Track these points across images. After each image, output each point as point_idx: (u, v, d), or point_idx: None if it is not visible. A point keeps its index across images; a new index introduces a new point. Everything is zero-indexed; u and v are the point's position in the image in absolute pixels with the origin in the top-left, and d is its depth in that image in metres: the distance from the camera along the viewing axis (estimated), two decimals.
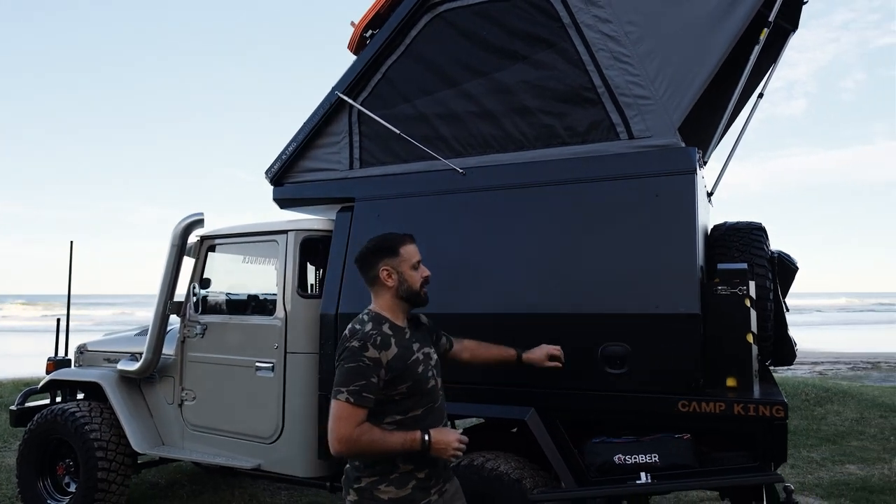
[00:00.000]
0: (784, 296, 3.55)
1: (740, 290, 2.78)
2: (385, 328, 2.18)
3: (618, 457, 2.74)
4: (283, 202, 3.99)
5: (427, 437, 2.08)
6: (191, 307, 4.15)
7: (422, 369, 2.21)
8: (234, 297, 4.28)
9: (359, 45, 3.82)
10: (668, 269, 2.81)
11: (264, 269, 4.14)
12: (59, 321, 5.25)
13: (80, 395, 4.82)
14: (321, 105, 3.76)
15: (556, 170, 3.13)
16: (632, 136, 3.01)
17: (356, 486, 2.16)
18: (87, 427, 4.25)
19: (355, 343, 2.10)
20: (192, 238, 4.21)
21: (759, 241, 3.29)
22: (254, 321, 3.92)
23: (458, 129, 3.41)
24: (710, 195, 4.13)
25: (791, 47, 4.06)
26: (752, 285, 2.86)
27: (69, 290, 5.22)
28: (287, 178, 3.92)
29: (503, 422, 3.39)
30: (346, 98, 3.65)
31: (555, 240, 3.07)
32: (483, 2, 3.34)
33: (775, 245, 3.59)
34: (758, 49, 3.10)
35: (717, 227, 3.51)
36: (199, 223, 4.15)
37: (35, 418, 4.50)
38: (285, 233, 3.84)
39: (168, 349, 4.26)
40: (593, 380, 2.89)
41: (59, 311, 5.68)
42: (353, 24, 3.81)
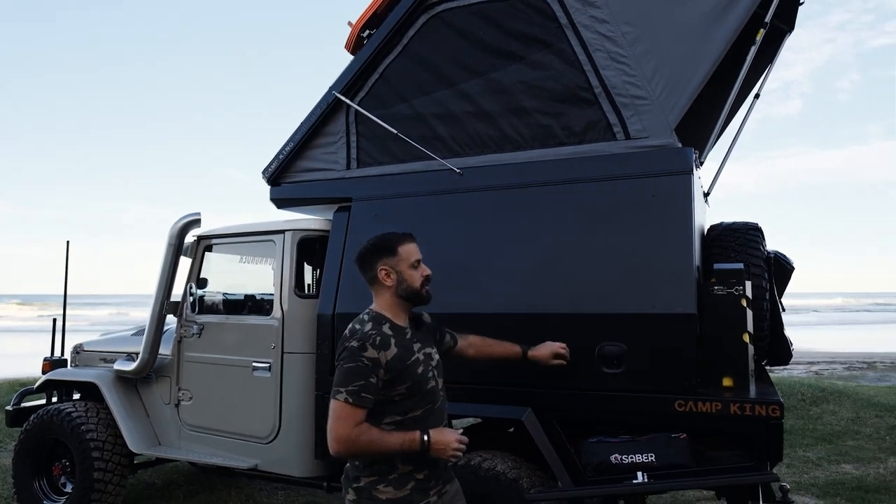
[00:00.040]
0: (780, 296, 3.56)
1: (737, 290, 2.79)
2: (385, 328, 2.17)
3: (614, 456, 2.75)
4: (280, 202, 3.99)
5: (426, 438, 2.08)
6: (187, 307, 4.14)
7: (422, 370, 2.19)
8: (230, 297, 4.27)
9: (356, 45, 3.82)
10: (665, 269, 2.82)
11: (261, 268, 4.14)
12: (55, 321, 5.24)
13: (77, 396, 4.81)
14: (318, 105, 3.76)
15: (553, 170, 3.14)
16: (628, 137, 3.02)
17: (355, 486, 2.16)
18: (83, 427, 4.24)
19: (354, 343, 2.10)
20: (189, 238, 4.21)
21: (755, 241, 3.30)
22: (251, 321, 3.92)
23: (456, 129, 3.41)
24: (706, 195, 4.15)
25: (787, 48, 4.08)
26: (749, 285, 2.86)
27: (65, 290, 5.21)
28: (284, 178, 3.92)
29: (500, 421, 3.39)
30: (343, 98, 3.65)
31: (552, 240, 3.07)
32: (480, 2, 3.34)
33: (771, 245, 3.60)
34: (754, 49, 3.11)
35: (713, 228, 3.52)
36: (195, 223, 4.15)
37: (31, 418, 4.49)
38: (282, 233, 3.84)
39: (165, 349, 4.25)
40: (590, 379, 2.90)
41: (56, 311, 5.67)
42: (350, 23, 3.81)
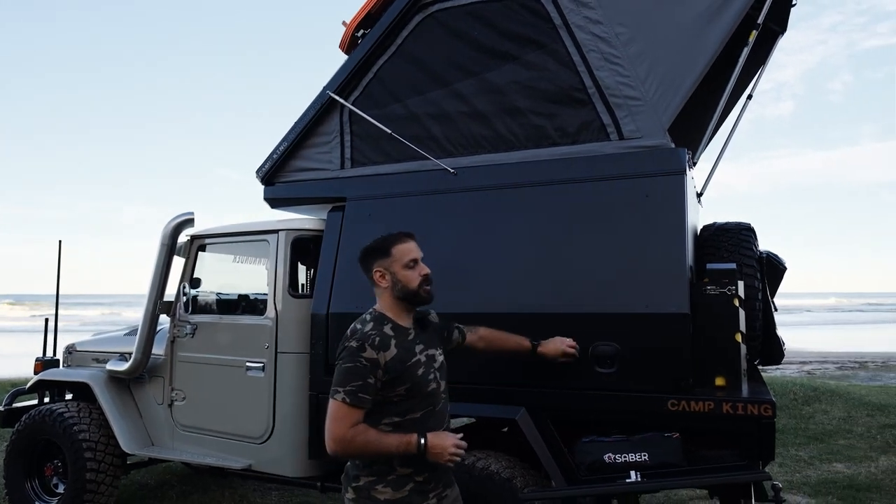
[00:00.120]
0: (772, 295, 3.58)
1: (729, 290, 2.80)
2: (386, 329, 2.17)
3: (608, 455, 2.75)
4: (274, 202, 3.98)
5: (423, 441, 2.06)
6: (181, 307, 4.13)
7: (422, 372, 2.18)
8: (224, 297, 4.26)
9: (350, 45, 3.82)
10: (658, 269, 2.83)
11: (255, 268, 4.13)
12: (47, 321, 5.21)
13: (69, 396, 4.79)
14: (312, 105, 3.75)
15: (547, 170, 3.14)
16: (622, 137, 3.03)
17: (354, 485, 2.15)
18: (75, 428, 4.23)
19: (354, 343, 2.09)
20: (183, 237, 4.19)
21: (747, 242, 3.32)
22: (244, 321, 3.91)
23: (450, 129, 3.41)
24: (699, 195, 4.16)
25: (779, 49, 4.11)
26: (741, 285, 2.88)
27: (57, 290, 5.18)
28: (278, 177, 3.92)
29: (494, 421, 3.40)
30: (337, 98, 3.64)
31: (545, 240, 3.08)
32: (474, 2, 3.35)
33: (765, 245, 3.62)
34: (747, 51, 3.13)
35: (706, 228, 3.53)
36: (189, 222, 4.13)
37: (23, 419, 4.46)
38: (276, 232, 3.83)
39: (158, 349, 4.23)
40: (584, 379, 2.91)
41: (48, 310, 5.63)
42: (344, 23, 3.81)
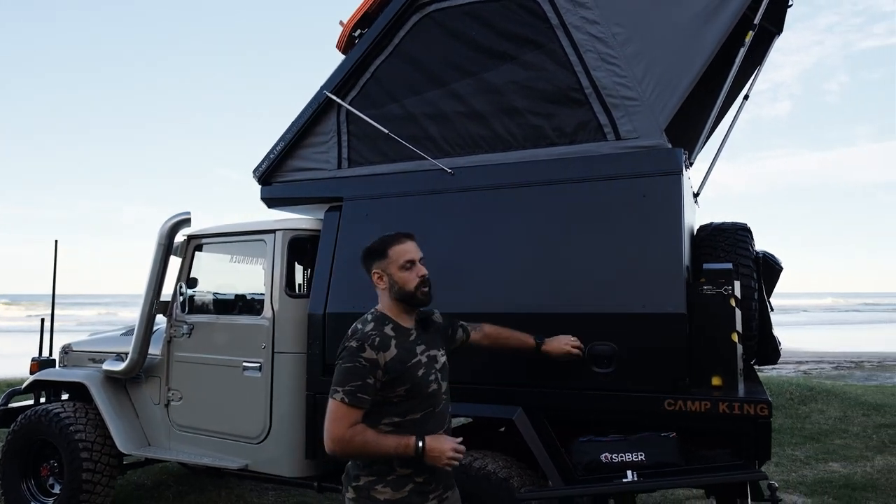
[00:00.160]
0: (769, 295, 3.58)
1: (725, 290, 2.80)
2: (387, 329, 2.16)
3: (605, 455, 2.76)
4: (270, 201, 3.98)
5: (421, 444, 2.04)
6: (177, 307, 4.12)
7: (422, 372, 2.17)
8: (221, 297, 4.26)
9: (347, 45, 3.82)
10: (655, 269, 2.84)
11: (252, 268, 4.13)
12: (43, 321, 5.20)
13: (65, 396, 4.78)
14: (309, 104, 3.75)
15: (545, 170, 3.14)
16: (619, 137, 3.03)
17: (354, 485, 2.15)
18: (71, 428, 4.21)
19: (353, 343, 2.10)
20: (179, 237, 4.19)
21: (744, 242, 3.32)
22: (241, 321, 3.91)
23: (447, 128, 3.41)
24: (696, 196, 4.17)
25: (776, 50, 4.11)
26: (738, 285, 2.88)
27: (53, 290, 5.17)
28: (275, 177, 3.91)
29: (491, 421, 3.40)
30: (334, 97, 3.64)
31: (542, 240, 3.08)
32: (472, 2, 3.35)
33: (762, 246, 3.63)
34: (743, 51, 3.13)
35: (703, 228, 3.54)
36: (185, 222, 4.12)
37: (19, 419, 4.45)
38: (273, 232, 3.82)
39: (154, 349, 4.23)
40: (581, 379, 2.91)
41: (44, 310, 5.62)
42: (341, 23, 3.80)
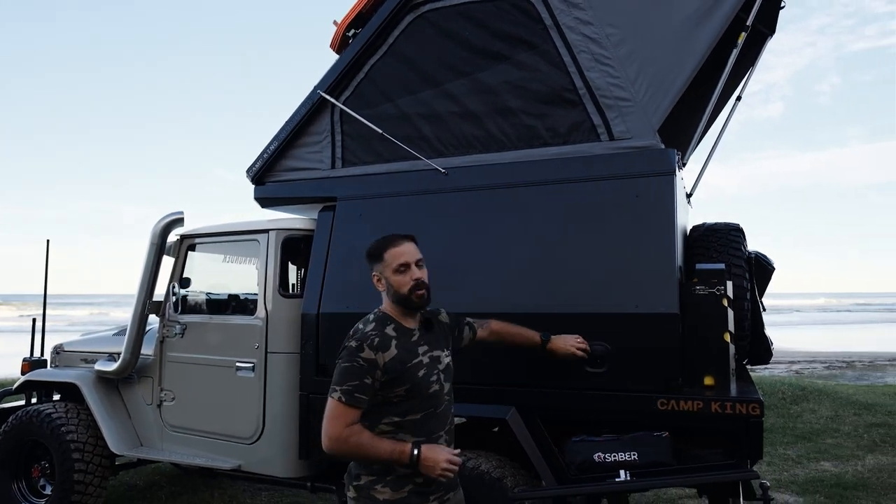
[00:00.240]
0: (761, 296, 3.60)
1: (718, 290, 2.81)
2: (389, 329, 2.16)
3: (598, 455, 2.76)
4: (264, 201, 3.97)
5: (416, 452, 2.03)
6: (170, 307, 4.10)
7: (423, 373, 2.16)
8: (214, 297, 4.24)
9: (341, 45, 3.81)
10: (648, 270, 2.85)
11: (245, 268, 4.12)
12: (34, 321, 5.17)
13: (57, 397, 4.75)
14: (303, 104, 3.74)
15: (538, 170, 3.15)
16: (612, 138, 3.04)
17: (355, 484, 2.15)
18: (63, 428, 4.19)
19: (353, 343, 2.10)
20: (172, 237, 4.17)
21: (736, 242, 3.34)
22: (234, 321, 3.89)
23: (441, 129, 3.41)
24: (689, 196, 4.19)
25: (768, 51, 4.13)
26: (730, 285, 2.90)
27: (45, 290, 5.13)
28: (269, 177, 3.90)
29: (484, 421, 3.40)
30: (328, 97, 3.63)
31: (536, 240, 3.08)
32: (466, 2, 3.35)
33: (755, 246, 3.65)
34: (736, 52, 3.14)
35: (695, 228, 3.55)
36: (178, 222, 4.10)
37: (10, 420, 4.42)
38: (266, 232, 3.81)
39: (147, 349, 4.21)
40: (574, 378, 2.92)
41: (35, 310, 5.58)
42: (335, 22, 3.80)
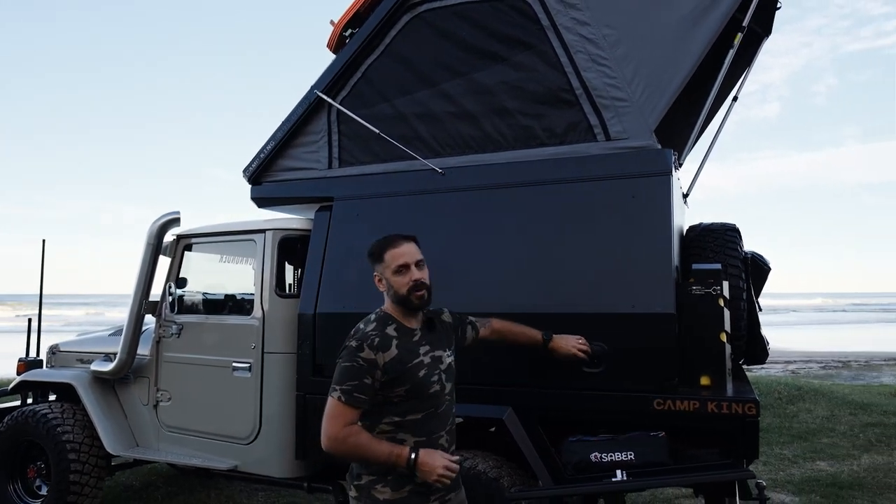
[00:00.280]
0: (757, 295, 3.61)
1: (714, 290, 2.82)
2: (390, 329, 2.16)
3: (594, 455, 2.76)
4: (261, 201, 3.97)
5: (413, 456, 2.03)
6: (166, 307, 4.10)
7: (424, 373, 2.16)
8: (210, 297, 4.24)
9: (338, 44, 3.81)
10: (645, 270, 2.85)
11: (241, 268, 4.11)
12: (30, 321, 5.16)
13: (52, 397, 4.74)
14: (300, 104, 3.74)
15: (535, 170, 3.15)
16: (609, 138, 3.04)
17: (357, 483, 2.15)
18: (59, 429, 4.18)
19: (353, 343, 2.10)
20: (168, 237, 4.16)
21: (732, 242, 3.34)
22: (231, 321, 3.89)
23: (438, 129, 3.41)
24: (685, 196, 4.19)
25: (765, 52, 4.14)
26: (726, 285, 2.90)
27: (41, 290, 5.12)
28: (265, 176, 3.90)
29: (481, 421, 3.40)
30: (325, 97, 3.63)
31: (532, 240, 3.09)
32: (463, 3, 3.35)
33: (752, 246, 3.65)
34: (732, 53, 3.15)
35: (692, 228, 3.56)
36: (175, 222, 4.10)
37: (5, 420, 4.41)
38: (263, 232, 3.81)
39: (143, 349, 4.20)
40: (570, 379, 2.92)
41: (31, 311, 5.57)
42: (332, 22, 3.80)
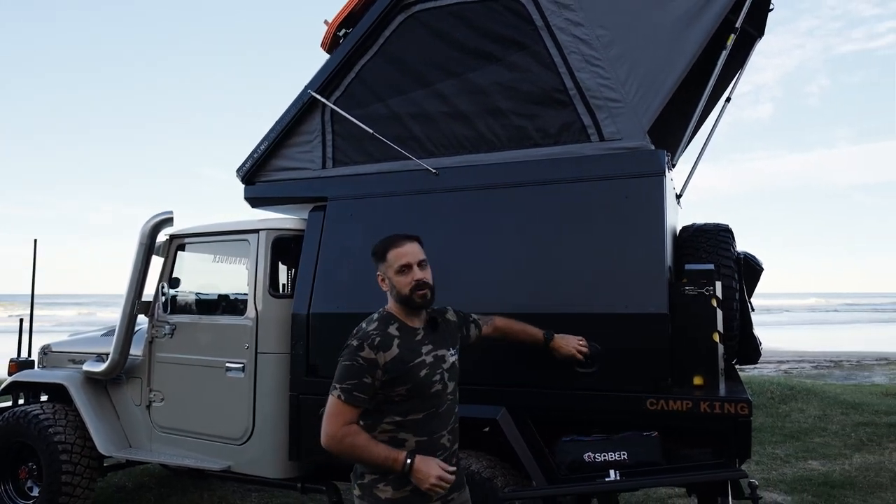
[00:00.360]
0: (749, 296, 3.62)
1: (707, 291, 2.83)
2: (392, 329, 2.16)
3: (587, 455, 2.77)
4: (254, 201, 3.95)
5: (409, 462, 2.02)
6: (159, 307, 4.08)
7: (425, 373, 2.15)
8: (203, 297, 4.22)
9: (332, 44, 3.81)
10: (638, 270, 2.86)
11: (235, 268, 4.10)
12: (21, 321, 5.13)
13: (44, 398, 4.71)
14: (294, 104, 3.73)
15: (528, 171, 3.16)
16: (602, 139, 3.05)
17: (360, 482, 2.15)
18: (50, 430, 4.16)
19: (354, 342, 2.11)
20: (161, 237, 4.15)
21: (725, 243, 3.36)
22: (224, 321, 3.88)
23: (432, 129, 3.41)
24: (678, 197, 4.21)
25: (758, 53, 4.16)
26: (719, 285, 2.91)
27: (32, 290, 5.09)
28: (259, 176, 3.89)
29: (475, 421, 3.40)
30: (318, 97, 3.62)
31: (526, 240, 3.09)
32: (457, 3, 3.35)
33: (745, 247, 3.67)
34: (725, 54, 3.16)
35: (685, 229, 3.57)
36: (167, 221, 4.08)
37: None
38: (257, 232, 3.80)
39: (136, 350, 4.18)
40: (564, 379, 2.92)
41: (23, 311, 5.54)
42: (326, 22, 3.79)
